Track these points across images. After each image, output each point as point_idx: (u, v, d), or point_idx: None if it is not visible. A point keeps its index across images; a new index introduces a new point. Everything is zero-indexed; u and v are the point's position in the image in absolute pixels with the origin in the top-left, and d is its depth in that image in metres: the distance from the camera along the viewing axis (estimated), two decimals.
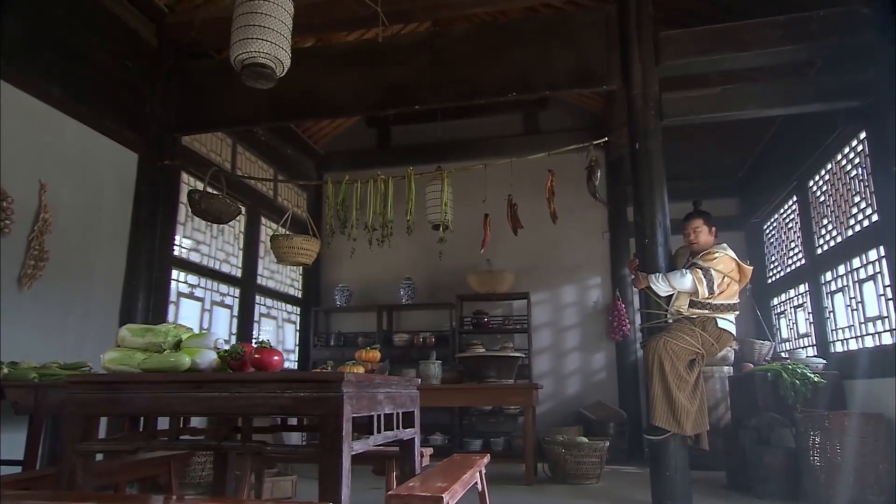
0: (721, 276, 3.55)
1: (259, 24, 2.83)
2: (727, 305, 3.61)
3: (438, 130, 7.09)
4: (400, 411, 2.43)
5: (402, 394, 2.48)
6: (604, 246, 6.91)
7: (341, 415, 1.81)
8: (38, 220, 3.83)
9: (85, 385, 2.00)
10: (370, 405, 2.09)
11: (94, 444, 1.97)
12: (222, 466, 2.68)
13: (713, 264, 3.56)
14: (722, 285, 3.56)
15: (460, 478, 2.07)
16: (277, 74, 2.95)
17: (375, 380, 2.16)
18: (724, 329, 3.60)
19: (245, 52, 2.83)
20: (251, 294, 6.18)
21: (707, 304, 3.58)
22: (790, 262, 5.72)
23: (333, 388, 1.83)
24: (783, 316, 5.97)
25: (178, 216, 5.19)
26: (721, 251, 3.62)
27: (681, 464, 3.61)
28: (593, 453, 4.78)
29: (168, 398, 1.93)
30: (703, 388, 3.66)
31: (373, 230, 4.45)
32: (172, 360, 2.02)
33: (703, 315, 3.59)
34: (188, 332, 2.28)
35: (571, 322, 6.88)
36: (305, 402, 1.85)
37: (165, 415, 2.02)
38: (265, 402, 1.88)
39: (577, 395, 6.64)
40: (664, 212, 3.94)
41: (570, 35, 4.38)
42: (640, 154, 4.01)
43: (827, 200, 4.85)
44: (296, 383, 1.88)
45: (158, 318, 4.79)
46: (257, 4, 2.86)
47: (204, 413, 2.19)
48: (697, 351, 3.59)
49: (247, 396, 1.89)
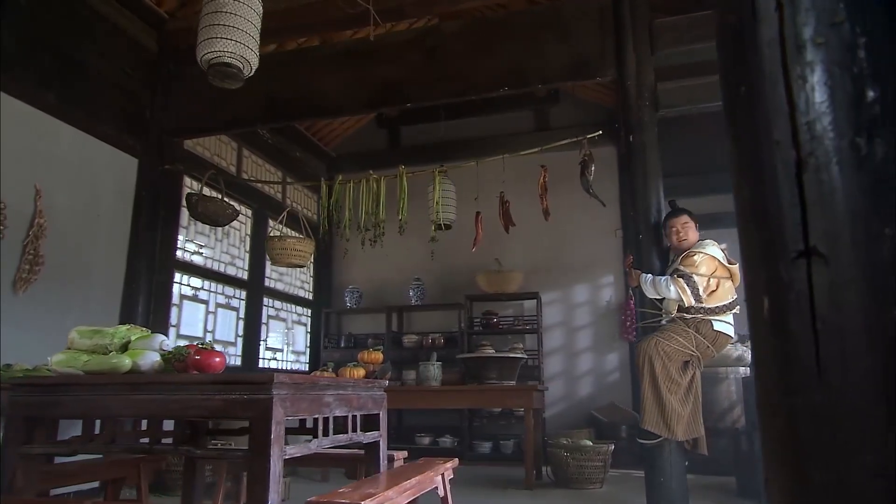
0: (705, 280, 3.37)
1: (224, 23, 2.81)
2: (722, 307, 3.43)
3: (448, 130, 7.03)
4: (358, 414, 2.36)
5: (360, 395, 2.41)
6: (616, 244, 6.72)
7: (270, 417, 1.76)
8: (33, 225, 3.90)
9: (26, 388, 2.00)
10: (314, 408, 2.03)
11: (35, 447, 1.96)
12: (190, 470, 2.66)
13: (695, 269, 3.38)
14: (709, 288, 3.39)
15: (399, 484, 1.99)
16: (245, 74, 2.92)
17: (321, 381, 2.10)
18: (720, 331, 3.43)
19: (210, 52, 2.81)
20: (258, 296, 6.22)
21: (700, 308, 3.41)
22: None
23: (264, 389, 1.78)
24: None
25: (182, 220, 5.24)
26: (701, 253, 3.42)
27: (676, 469, 3.45)
28: (597, 457, 4.64)
29: (105, 400, 1.91)
30: (699, 392, 3.49)
31: (365, 230, 4.41)
32: (114, 362, 2.01)
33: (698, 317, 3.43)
34: (141, 333, 2.27)
35: (583, 322, 6.71)
36: (236, 405, 1.81)
37: (103, 417, 2.00)
38: (198, 404, 1.84)
39: (589, 396, 6.47)
40: (659, 207, 3.79)
41: (564, 26, 4.25)
42: (635, 147, 3.86)
43: None
44: (228, 385, 1.84)
45: (160, 320, 4.85)
46: (222, 3, 2.84)
47: (141, 415, 2.17)
48: (691, 353, 3.42)
49: (180, 399, 1.85)
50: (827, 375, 0.50)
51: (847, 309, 0.49)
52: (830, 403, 0.50)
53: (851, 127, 0.50)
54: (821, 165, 0.52)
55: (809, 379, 0.51)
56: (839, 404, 0.49)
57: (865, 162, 0.49)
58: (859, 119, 0.50)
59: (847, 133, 0.50)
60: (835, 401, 0.50)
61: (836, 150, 0.51)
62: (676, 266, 3.51)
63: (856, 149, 0.50)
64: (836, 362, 0.49)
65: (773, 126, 0.56)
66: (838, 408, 0.49)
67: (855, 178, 0.50)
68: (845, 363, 0.49)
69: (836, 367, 0.50)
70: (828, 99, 0.52)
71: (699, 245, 3.48)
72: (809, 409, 0.51)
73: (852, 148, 0.50)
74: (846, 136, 0.50)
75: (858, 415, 0.48)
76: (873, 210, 0.48)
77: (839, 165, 0.50)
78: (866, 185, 0.49)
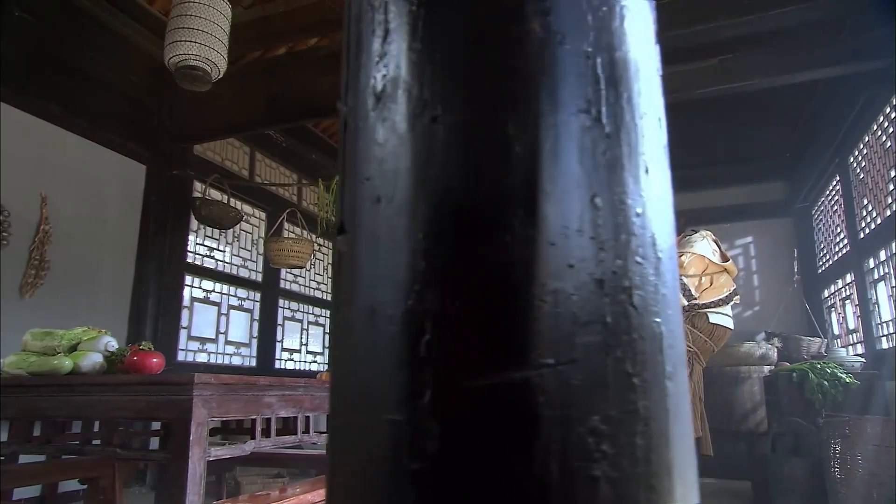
0: (696, 280, 3.20)
1: (188, 25, 2.83)
2: (718, 300, 3.25)
3: None
4: (310, 415, 2.33)
5: (315, 396, 2.37)
6: None
7: (189, 418, 1.73)
8: (39, 232, 4.05)
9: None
10: (250, 408, 2.00)
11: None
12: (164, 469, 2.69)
13: (683, 271, 3.21)
14: (702, 286, 3.21)
15: (305, 494, 1.94)
16: (212, 77, 2.93)
17: (259, 382, 2.07)
18: (717, 324, 3.25)
19: (176, 55, 2.84)
20: (273, 298, 6.29)
21: (694, 304, 3.24)
22: (836, 249, 5.12)
23: (184, 390, 1.76)
24: (833, 309, 5.36)
25: (192, 224, 5.35)
26: (688, 253, 3.24)
27: None
28: None
29: (39, 402, 1.93)
30: (699, 390, 3.32)
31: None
32: (55, 364, 2.03)
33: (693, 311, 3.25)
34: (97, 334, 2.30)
35: None
36: (158, 406, 1.79)
37: (38, 418, 2.02)
38: (124, 405, 1.84)
39: None
40: None
41: None
42: None
43: (865, 178, 4.29)
44: (151, 386, 1.83)
45: (170, 323, 4.96)
46: (188, 7, 2.86)
47: (74, 416, 2.18)
48: (688, 348, 3.25)
49: (107, 400, 1.86)
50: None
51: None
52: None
53: None
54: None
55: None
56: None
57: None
58: None
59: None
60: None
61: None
62: None
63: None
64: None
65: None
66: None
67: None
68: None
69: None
70: None
71: (687, 243, 3.30)
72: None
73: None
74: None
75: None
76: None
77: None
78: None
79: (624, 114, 0.34)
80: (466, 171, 0.32)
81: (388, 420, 0.31)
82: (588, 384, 0.30)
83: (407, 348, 0.31)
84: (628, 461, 0.30)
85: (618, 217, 0.32)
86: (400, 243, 0.33)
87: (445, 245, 0.31)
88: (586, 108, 0.33)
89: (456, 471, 0.29)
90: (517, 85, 0.32)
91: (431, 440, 0.30)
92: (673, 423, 0.32)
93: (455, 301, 0.31)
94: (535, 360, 0.29)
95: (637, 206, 0.33)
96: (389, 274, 0.33)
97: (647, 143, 0.35)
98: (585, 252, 0.31)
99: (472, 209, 0.31)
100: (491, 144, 0.32)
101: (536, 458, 0.29)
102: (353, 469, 0.33)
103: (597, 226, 0.31)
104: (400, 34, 0.36)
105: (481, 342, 0.30)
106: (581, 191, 0.31)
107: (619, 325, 0.31)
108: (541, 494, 0.28)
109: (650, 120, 0.36)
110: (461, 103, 0.33)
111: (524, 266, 0.30)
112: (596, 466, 0.29)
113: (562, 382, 0.29)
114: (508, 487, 0.29)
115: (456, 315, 0.31)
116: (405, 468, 0.30)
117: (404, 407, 0.31)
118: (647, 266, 0.33)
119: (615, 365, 0.30)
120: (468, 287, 0.31)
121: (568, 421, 0.29)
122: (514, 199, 0.31)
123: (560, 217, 0.31)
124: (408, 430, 0.30)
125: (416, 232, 0.32)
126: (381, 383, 0.32)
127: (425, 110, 0.33)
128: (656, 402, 0.31)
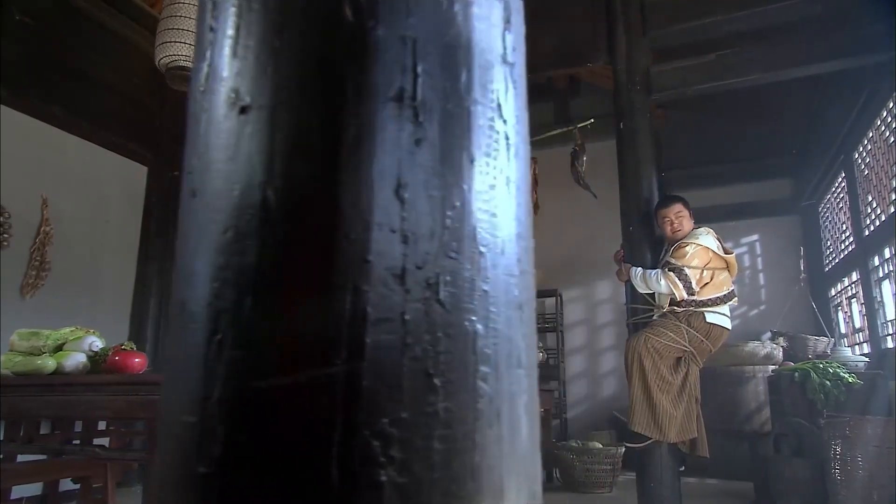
0: (699, 272, 3.14)
1: (177, 27, 2.83)
2: (715, 299, 3.19)
3: None
4: None
5: None
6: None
7: None
8: (40, 233, 4.08)
9: None
10: None
11: None
12: None
13: (686, 261, 3.15)
14: (702, 280, 3.16)
15: None
16: None
17: None
18: (713, 323, 3.19)
19: (166, 56, 2.84)
20: None
21: (691, 301, 3.19)
22: (843, 246, 5.04)
23: None
24: (840, 308, 5.28)
25: None
26: (693, 244, 3.19)
27: (667, 475, 3.24)
28: (605, 460, 4.44)
29: (22, 401, 1.95)
30: (695, 391, 3.27)
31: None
32: (38, 364, 2.04)
33: (689, 309, 3.21)
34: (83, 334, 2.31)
35: (607, 320, 6.46)
36: (136, 406, 1.80)
37: (23, 418, 2.03)
38: (103, 405, 1.84)
39: (612, 396, 6.22)
40: (652, 198, 3.58)
41: (554, 13, 4.09)
42: (625, 134, 3.66)
43: (870, 174, 4.22)
44: (130, 386, 1.83)
45: None
46: (178, 7, 2.87)
47: (56, 416, 2.19)
48: (684, 348, 3.21)
49: (88, 399, 1.86)
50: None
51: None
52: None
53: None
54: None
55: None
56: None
57: None
58: None
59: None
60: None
61: None
62: (667, 258, 3.30)
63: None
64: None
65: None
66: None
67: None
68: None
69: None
70: None
71: (692, 235, 3.25)
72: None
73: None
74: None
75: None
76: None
77: None
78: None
79: (446, 102, 0.33)
80: (269, 163, 0.31)
81: (182, 422, 0.30)
82: (378, 385, 0.28)
83: (203, 347, 0.30)
84: (422, 466, 0.28)
85: (428, 209, 0.31)
86: (206, 238, 0.32)
87: (242, 241, 0.30)
88: (398, 95, 0.31)
89: (237, 477, 0.28)
90: (325, 73, 0.31)
91: (216, 443, 0.28)
92: (484, 426, 0.30)
93: (246, 298, 0.29)
94: (324, 360, 0.28)
95: (455, 198, 0.32)
96: (196, 269, 0.32)
97: (476, 132, 0.34)
98: (384, 246, 0.29)
99: (271, 203, 0.30)
100: (295, 136, 0.31)
101: (317, 463, 0.27)
102: (158, 474, 0.32)
103: (401, 219, 0.30)
104: (223, 27, 0.35)
105: (270, 342, 0.29)
106: (384, 182, 0.30)
107: (420, 322, 0.29)
108: (323, 500, 0.27)
109: (483, 108, 0.34)
110: (270, 94, 0.32)
111: (318, 262, 0.29)
112: (381, 472, 0.27)
113: (349, 384, 0.28)
114: (291, 495, 0.27)
115: (247, 313, 0.29)
116: (193, 473, 0.29)
117: (196, 408, 0.29)
118: (461, 261, 0.31)
119: (412, 365, 0.29)
120: (261, 284, 0.29)
121: (352, 424, 0.27)
122: (311, 192, 0.30)
123: (358, 210, 0.29)
124: (197, 432, 0.29)
125: (219, 226, 0.31)
126: (184, 383, 0.31)
127: (236, 101, 0.32)
128: (462, 405, 0.30)
